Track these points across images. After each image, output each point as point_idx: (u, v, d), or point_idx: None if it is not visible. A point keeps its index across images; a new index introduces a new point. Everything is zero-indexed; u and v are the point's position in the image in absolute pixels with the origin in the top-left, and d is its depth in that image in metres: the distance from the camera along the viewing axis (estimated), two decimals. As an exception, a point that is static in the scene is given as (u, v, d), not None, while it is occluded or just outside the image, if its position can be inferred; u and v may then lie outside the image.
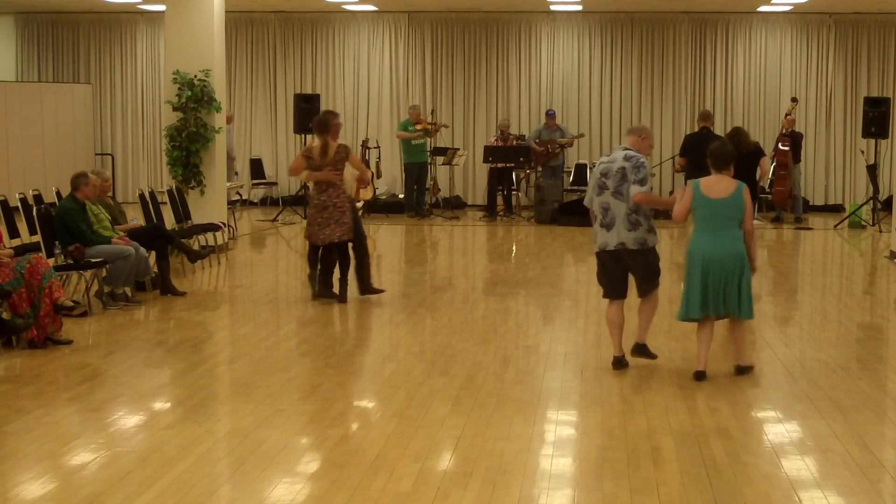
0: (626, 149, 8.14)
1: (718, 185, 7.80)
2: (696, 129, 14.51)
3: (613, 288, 8.21)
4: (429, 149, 19.40)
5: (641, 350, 8.31)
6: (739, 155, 13.93)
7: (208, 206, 14.50)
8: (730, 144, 8.22)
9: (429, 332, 9.75)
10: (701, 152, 13.79)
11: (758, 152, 14.50)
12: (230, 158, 20.08)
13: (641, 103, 21.11)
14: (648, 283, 8.17)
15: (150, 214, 12.83)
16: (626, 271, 8.17)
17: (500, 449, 6.19)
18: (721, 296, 7.69)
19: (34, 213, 10.90)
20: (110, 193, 11.79)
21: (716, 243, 7.68)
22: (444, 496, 5.45)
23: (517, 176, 19.92)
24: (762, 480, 5.74)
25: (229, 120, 20.42)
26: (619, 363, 8.17)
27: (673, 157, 19.78)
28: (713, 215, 7.72)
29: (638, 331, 8.33)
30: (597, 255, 8.24)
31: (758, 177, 14.88)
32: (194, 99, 14.34)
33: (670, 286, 12.57)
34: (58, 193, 12.61)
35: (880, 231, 17.31)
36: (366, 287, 10.92)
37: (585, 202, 8.31)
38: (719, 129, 19.20)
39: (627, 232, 7.98)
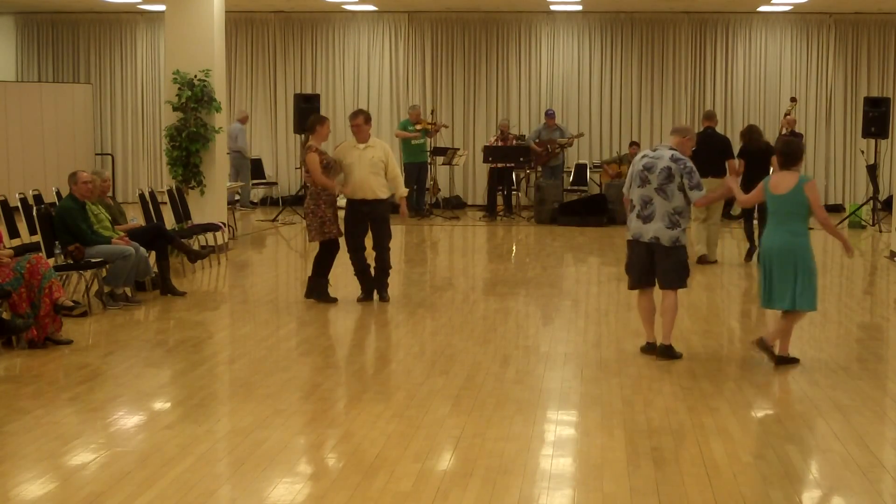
0: (672, 149, 8.45)
1: (783, 181, 8.02)
2: (700, 129, 14.53)
3: (641, 278, 8.50)
4: (429, 149, 19.40)
5: (666, 352, 8.44)
6: (752, 151, 14.12)
7: (208, 206, 14.50)
8: (798, 142, 8.57)
9: (429, 332, 9.75)
10: (704, 152, 13.92)
11: (769, 150, 14.56)
12: (245, 158, 20.17)
13: (641, 103, 21.12)
14: (678, 278, 8.42)
15: (150, 214, 12.83)
16: (651, 262, 8.41)
17: (500, 449, 6.19)
18: (778, 288, 7.97)
19: (34, 213, 10.90)
20: (110, 193, 11.79)
21: (775, 237, 7.99)
22: (444, 496, 5.45)
23: (517, 176, 19.93)
24: (762, 480, 5.74)
25: (244, 120, 20.53)
26: (651, 348, 8.49)
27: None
28: (776, 211, 8.01)
29: (662, 333, 8.46)
30: (628, 243, 8.54)
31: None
32: (194, 99, 14.35)
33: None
34: (58, 193, 12.61)
35: (880, 231, 17.31)
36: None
37: (623, 189, 8.64)
38: (719, 130, 19.21)
39: (665, 229, 8.29)
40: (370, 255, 10.85)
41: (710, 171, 13.83)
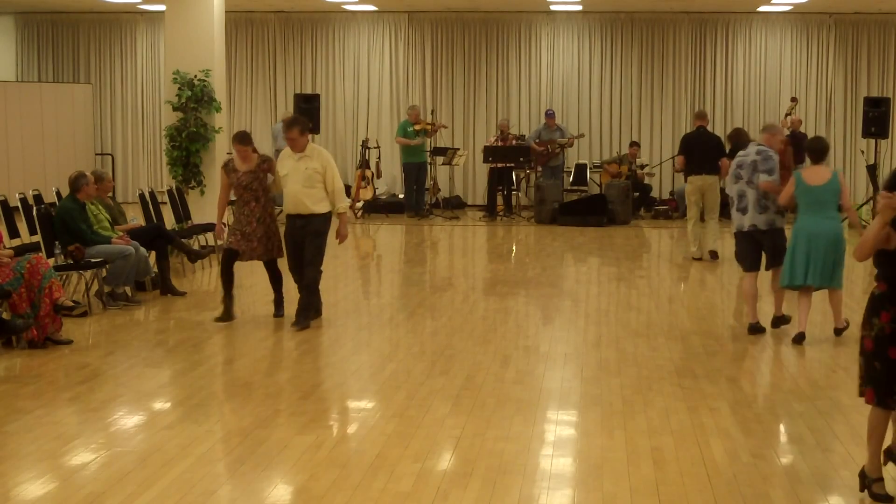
0: (759, 144, 9.59)
1: (817, 174, 8.94)
2: (693, 129, 14.56)
3: (748, 262, 9.55)
4: (428, 149, 19.40)
5: (780, 321, 9.56)
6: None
7: (208, 206, 14.48)
8: (825, 140, 9.53)
9: (429, 332, 9.74)
10: (698, 151, 13.96)
11: None
12: None
13: (641, 103, 21.11)
14: (777, 259, 9.36)
15: (150, 214, 12.83)
16: (758, 249, 9.48)
17: (500, 449, 6.19)
18: (820, 268, 8.83)
19: (34, 213, 10.90)
20: (110, 194, 11.79)
21: (817, 223, 8.80)
22: (444, 496, 5.45)
23: (517, 176, 19.92)
24: (762, 480, 5.74)
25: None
26: (756, 329, 9.40)
27: (673, 157, 19.83)
28: (813, 201, 8.87)
29: (775, 305, 9.61)
30: (734, 235, 9.67)
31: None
32: (194, 99, 14.35)
33: (670, 285, 12.58)
34: (58, 193, 12.61)
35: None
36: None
37: (726, 190, 9.83)
38: (720, 129, 19.23)
39: (758, 215, 9.37)
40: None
41: (705, 168, 13.91)
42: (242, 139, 9.81)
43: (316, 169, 9.48)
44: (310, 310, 9.73)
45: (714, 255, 14.08)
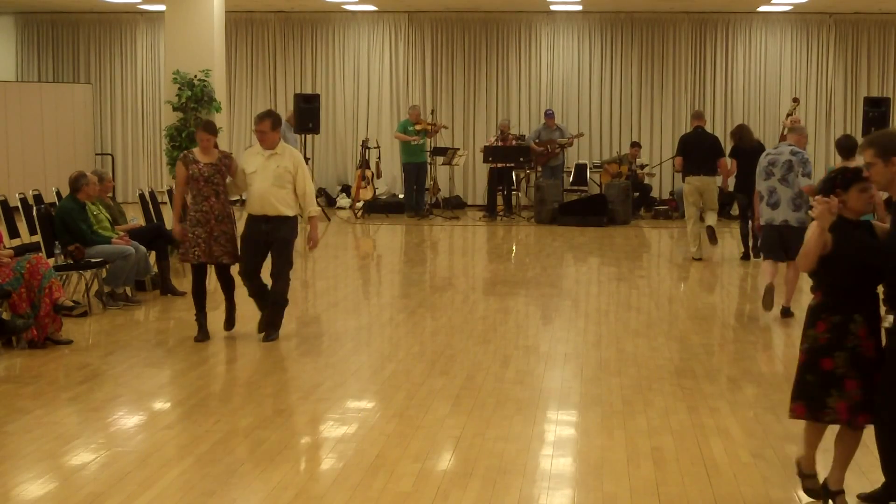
0: (791, 145, 10.15)
1: None
2: (690, 129, 14.55)
3: (773, 253, 10.08)
4: (428, 149, 19.40)
5: (786, 312, 9.94)
6: (744, 150, 14.18)
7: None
8: (854, 138, 9.85)
9: (429, 332, 9.74)
10: (696, 151, 13.96)
11: (760, 148, 14.61)
12: None
13: (641, 103, 21.12)
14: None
15: (150, 214, 12.84)
16: (783, 241, 9.89)
17: (500, 449, 6.19)
18: None
19: (34, 213, 10.90)
20: (110, 194, 11.79)
21: None
22: (444, 496, 5.45)
23: (517, 176, 19.92)
24: (762, 480, 5.74)
25: (289, 120, 20.41)
26: (769, 291, 9.86)
27: (672, 158, 19.84)
28: None
29: (786, 296, 9.97)
30: (762, 227, 10.26)
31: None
32: (194, 99, 14.36)
33: (670, 286, 12.58)
34: (58, 193, 12.61)
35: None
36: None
37: (757, 186, 10.29)
38: (719, 130, 19.25)
39: (792, 212, 9.90)
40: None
41: (703, 169, 13.92)
42: (208, 127, 9.14)
43: (287, 168, 8.90)
44: (279, 320, 9.24)
45: (711, 231, 13.87)
